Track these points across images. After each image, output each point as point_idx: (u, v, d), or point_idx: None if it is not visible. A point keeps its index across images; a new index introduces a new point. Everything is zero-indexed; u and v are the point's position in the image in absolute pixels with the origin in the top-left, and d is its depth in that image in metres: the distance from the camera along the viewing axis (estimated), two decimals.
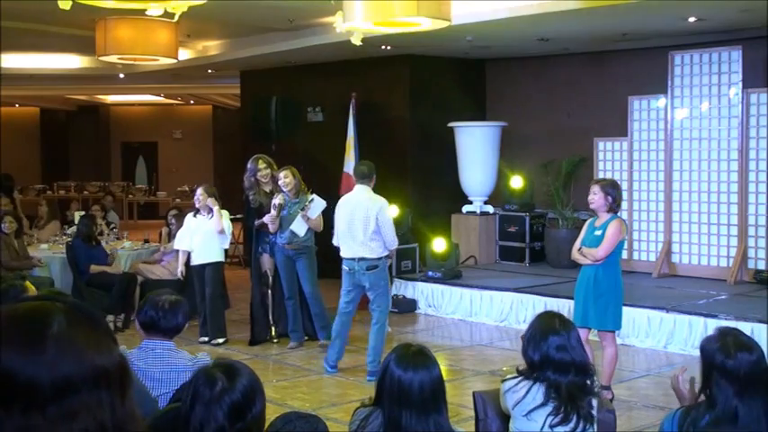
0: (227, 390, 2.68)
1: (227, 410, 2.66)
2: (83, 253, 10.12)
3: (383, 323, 7.92)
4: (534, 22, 9.94)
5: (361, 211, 7.78)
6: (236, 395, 2.68)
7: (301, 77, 14.07)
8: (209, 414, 2.65)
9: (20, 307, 1.42)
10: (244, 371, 2.78)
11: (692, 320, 8.89)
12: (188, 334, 8.44)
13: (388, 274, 7.98)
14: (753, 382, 3.27)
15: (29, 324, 1.37)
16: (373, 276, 7.84)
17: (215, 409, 2.65)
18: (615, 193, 6.93)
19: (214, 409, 2.65)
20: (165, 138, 24.92)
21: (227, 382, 2.70)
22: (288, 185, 8.74)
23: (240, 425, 2.67)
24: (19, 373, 1.31)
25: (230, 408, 2.66)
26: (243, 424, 2.68)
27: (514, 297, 10.36)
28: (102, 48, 10.03)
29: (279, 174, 8.82)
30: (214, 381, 2.70)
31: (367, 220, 7.75)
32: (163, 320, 4.35)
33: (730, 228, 10.72)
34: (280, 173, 8.81)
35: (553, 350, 3.85)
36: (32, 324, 1.36)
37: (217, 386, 2.68)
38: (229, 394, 2.68)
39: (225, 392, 2.68)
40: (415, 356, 3.30)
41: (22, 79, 16.58)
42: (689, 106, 11.01)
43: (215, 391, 2.67)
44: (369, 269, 7.83)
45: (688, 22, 9.97)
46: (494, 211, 12.79)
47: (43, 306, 1.41)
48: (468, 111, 13.31)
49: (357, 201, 7.89)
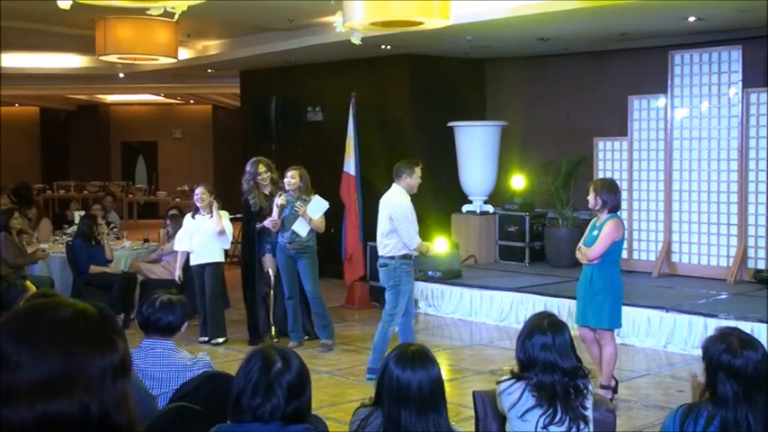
0: (284, 370, 2.77)
1: (285, 390, 2.74)
2: (83, 253, 10.12)
3: (387, 322, 7.87)
4: (534, 21, 9.94)
5: (383, 210, 7.89)
6: (292, 376, 2.78)
7: (301, 77, 14.07)
8: (269, 393, 2.73)
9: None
10: (295, 355, 2.89)
11: (691, 320, 8.88)
12: (188, 333, 8.42)
13: (404, 274, 7.83)
14: (758, 379, 3.28)
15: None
16: (384, 274, 7.83)
17: (275, 388, 2.74)
18: (607, 197, 6.94)
19: (274, 388, 2.73)
20: (165, 137, 24.91)
21: (283, 363, 2.79)
22: (292, 185, 8.74)
23: (295, 404, 2.76)
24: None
25: (288, 387, 2.75)
26: (298, 404, 2.77)
27: (514, 297, 10.36)
28: (102, 47, 10.04)
29: (287, 173, 8.82)
30: (272, 361, 2.78)
31: (384, 218, 7.83)
32: (153, 318, 4.35)
33: (730, 227, 10.72)
34: (288, 172, 8.81)
35: (537, 349, 3.89)
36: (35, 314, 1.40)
37: (275, 366, 2.77)
38: (286, 375, 2.77)
39: (282, 372, 2.77)
40: (414, 356, 3.31)
41: (22, 79, 16.59)
42: (689, 106, 11.00)
43: (273, 371, 2.76)
44: (381, 266, 7.85)
45: (688, 22, 9.96)
46: (494, 211, 12.79)
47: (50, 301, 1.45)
48: (468, 110, 13.31)
49: (383, 199, 8.01)
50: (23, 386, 1.32)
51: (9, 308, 4.80)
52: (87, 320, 1.41)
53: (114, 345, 1.41)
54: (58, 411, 1.31)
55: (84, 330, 1.39)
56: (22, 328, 1.38)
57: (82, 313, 1.42)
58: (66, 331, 1.38)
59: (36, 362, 1.33)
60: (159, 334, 4.37)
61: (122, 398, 1.39)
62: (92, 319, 1.42)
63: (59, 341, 1.36)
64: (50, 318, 1.40)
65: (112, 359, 1.39)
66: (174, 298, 4.50)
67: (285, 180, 8.78)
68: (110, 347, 1.40)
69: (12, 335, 1.37)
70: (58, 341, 1.36)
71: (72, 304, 1.43)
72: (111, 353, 1.39)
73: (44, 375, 1.32)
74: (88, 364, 1.35)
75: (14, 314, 1.47)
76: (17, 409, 1.30)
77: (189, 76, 17.06)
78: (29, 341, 1.35)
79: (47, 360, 1.33)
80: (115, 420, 1.36)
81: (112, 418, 1.36)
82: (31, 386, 1.32)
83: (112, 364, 1.39)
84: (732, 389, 3.27)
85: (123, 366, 1.41)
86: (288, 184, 8.76)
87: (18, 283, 5.00)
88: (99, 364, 1.37)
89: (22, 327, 1.39)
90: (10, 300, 4.82)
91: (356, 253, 11.15)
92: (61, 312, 1.41)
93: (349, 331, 10.04)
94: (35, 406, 1.31)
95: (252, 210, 9.15)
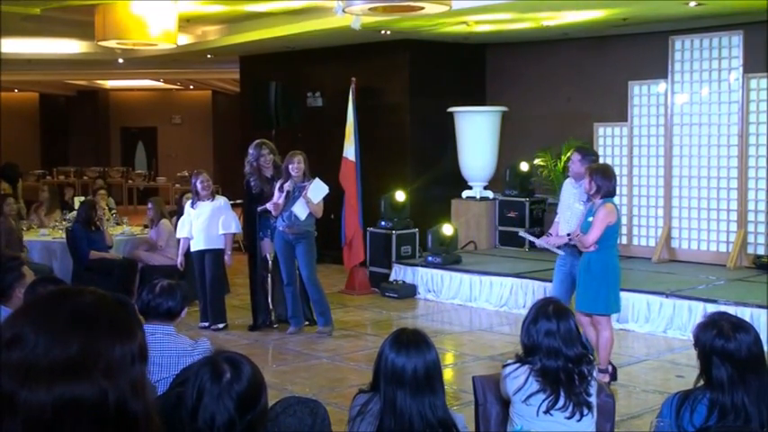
0: (234, 380, 2.62)
1: (237, 401, 2.60)
2: (83, 239, 10.11)
3: None
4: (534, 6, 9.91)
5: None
6: (243, 386, 2.62)
7: (301, 62, 14.05)
8: (220, 405, 2.58)
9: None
10: (246, 362, 2.72)
11: (691, 305, 8.89)
12: (188, 319, 8.46)
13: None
14: (752, 361, 3.29)
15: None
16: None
17: (225, 400, 2.59)
18: (602, 181, 6.95)
19: (225, 400, 2.59)
20: (165, 123, 24.88)
21: (233, 372, 2.64)
22: (299, 171, 8.68)
23: (249, 416, 2.61)
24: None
25: (239, 398, 2.60)
26: (252, 415, 2.62)
27: (514, 282, 10.36)
28: (102, 33, 10.02)
29: (293, 159, 8.73)
30: (221, 372, 2.64)
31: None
32: (154, 303, 4.37)
33: (730, 213, 10.72)
34: (294, 158, 8.73)
35: (542, 335, 3.90)
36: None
37: (224, 377, 2.62)
38: (237, 385, 2.62)
39: (233, 383, 2.62)
40: (410, 340, 3.34)
41: (22, 64, 16.54)
42: (689, 91, 10.99)
43: (223, 383, 2.61)
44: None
45: (688, 7, 9.93)
46: (493, 197, 12.79)
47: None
48: (468, 96, 13.29)
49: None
50: (42, 368, 1.32)
51: (5, 293, 4.81)
52: (107, 307, 1.42)
53: (133, 332, 1.42)
54: (77, 394, 1.32)
55: (104, 317, 1.40)
56: (42, 313, 1.40)
57: (102, 300, 1.43)
58: (86, 317, 1.39)
59: (55, 345, 1.34)
60: (159, 319, 4.39)
61: (140, 386, 1.39)
62: (111, 306, 1.43)
63: (79, 326, 1.37)
64: (71, 303, 1.41)
65: (131, 346, 1.40)
66: (174, 283, 4.51)
67: (291, 166, 8.68)
68: (129, 335, 1.41)
69: (32, 319, 1.38)
70: (78, 326, 1.37)
71: (92, 291, 1.45)
72: (129, 340, 1.40)
73: (63, 358, 1.33)
74: (107, 350, 1.36)
75: (36, 299, 1.49)
76: (36, 390, 1.31)
77: (188, 61, 17.01)
78: (49, 325, 1.36)
79: (66, 344, 1.34)
80: (132, 408, 1.37)
81: (129, 405, 1.36)
82: (50, 368, 1.32)
83: (131, 352, 1.39)
84: (727, 372, 3.28)
85: (141, 354, 1.42)
86: (297, 170, 8.67)
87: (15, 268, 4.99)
88: (118, 350, 1.37)
89: (42, 311, 1.40)
90: (6, 285, 4.83)
91: (356, 238, 11.16)
92: (82, 298, 1.42)
93: (349, 316, 10.05)
94: (54, 388, 1.31)
95: (253, 192, 9.13)
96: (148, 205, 10.74)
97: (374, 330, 9.52)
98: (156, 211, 10.43)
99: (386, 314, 10.25)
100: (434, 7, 8.13)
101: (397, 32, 11.99)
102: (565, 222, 7.62)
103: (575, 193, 7.58)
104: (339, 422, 3.98)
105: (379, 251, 11.63)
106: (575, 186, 7.58)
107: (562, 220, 7.69)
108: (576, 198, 7.56)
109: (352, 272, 11.42)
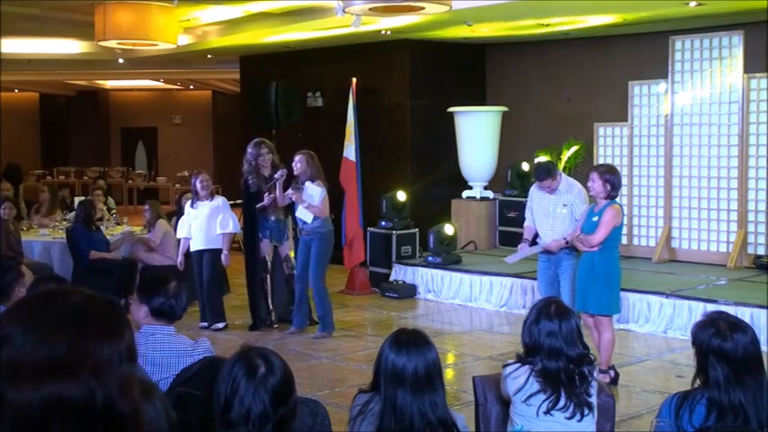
0: (269, 374, 2.67)
1: (272, 395, 2.64)
2: (83, 238, 10.09)
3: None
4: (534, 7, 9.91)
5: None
6: (277, 379, 2.67)
7: (301, 62, 14.05)
8: (257, 399, 2.63)
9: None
10: (276, 356, 2.77)
11: (691, 305, 8.89)
12: (188, 319, 8.45)
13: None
14: (748, 361, 3.29)
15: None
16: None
17: (261, 394, 2.63)
18: (614, 180, 6.94)
19: (261, 394, 2.63)
20: (165, 123, 24.89)
21: (266, 366, 2.68)
22: (296, 169, 8.70)
23: (282, 409, 2.66)
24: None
25: (274, 392, 2.65)
26: (285, 409, 2.67)
27: (514, 282, 10.36)
28: (102, 33, 10.02)
29: (294, 157, 8.78)
30: (255, 366, 2.67)
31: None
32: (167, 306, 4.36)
33: (730, 213, 10.72)
34: (294, 156, 8.77)
35: (543, 336, 3.89)
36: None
37: (259, 371, 2.66)
38: (272, 378, 2.67)
39: (268, 377, 2.66)
40: (410, 340, 3.33)
41: (22, 64, 16.54)
42: (689, 91, 10.99)
43: (258, 376, 2.65)
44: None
45: (689, 7, 9.93)
46: (494, 197, 12.79)
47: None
48: (468, 96, 13.29)
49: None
50: (30, 367, 1.32)
51: (4, 292, 4.80)
52: (96, 307, 1.42)
53: (121, 333, 1.42)
54: (64, 394, 1.32)
55: (92, 317, 1.40)
56: (30, 313, 1.40)
57: (90, 300, 1.43)
58: (74, 317, 1.39)
59: (43, 344, 1.34)
60: (166, 320, 4.38)
61: (128, 387, 1.39)
62: (100, 306, 1.43)
63: (67, 326, 1.37)
64: (60, 303, 1.41)
65: (120, 346, 1.40)
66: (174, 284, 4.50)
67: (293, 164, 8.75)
68: (117, 335, 1.41)
69: (20, 319, 1.38)
70: (66, 326, 1.37)
71: (81, 292, 1.45)
72: (118, 340, 1.40)
73: (51, 357, 1.33)
74: (95, 349, 1.36)
75: (25, 299, 1.50)
76: (23, 389, 1.31)
77: (188, 61, 17.02)
78: (36, 324, 1.37)
79: (54, 343, 1.34)
80: (119, 409, 1.36)
81: (117, 405, 1.36)
82: (36, 367, 1.32)
83: (119, 351, 1.39)
84: (723, 372, 3.28)
85: (130, 354, 1.42)
86: (295, 168, 8.72)
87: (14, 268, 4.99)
88: (106, 350, 1.37)
89: (30, 311, 1.41)
90: (5, 285, 4.82)
91: (356, 239, 11.15)
92: (70, 298, 1.42)
93: (349, 317, 10.05)
94: (41, 387, 1.31)
95: (251, 190, 9.14)
96: (145, 207, 10.75)
97: (374, 330, 9.52)
98: (153, 213, 10.43)
99: (386, 314, 10.25)
100: (434, 7, 8.13)
101: (397, 32, 11.99)
102: (549, 229, 7.58)
103: (551, 199, 7.56)
104: (339, 422, 3.98)
105: (379, 251, 11.63)
106: (547, 192, 7.56)
107: (544, 227, 7.65)
108: (554, 204, 7.54)
109: (353, 272, 11.42)
